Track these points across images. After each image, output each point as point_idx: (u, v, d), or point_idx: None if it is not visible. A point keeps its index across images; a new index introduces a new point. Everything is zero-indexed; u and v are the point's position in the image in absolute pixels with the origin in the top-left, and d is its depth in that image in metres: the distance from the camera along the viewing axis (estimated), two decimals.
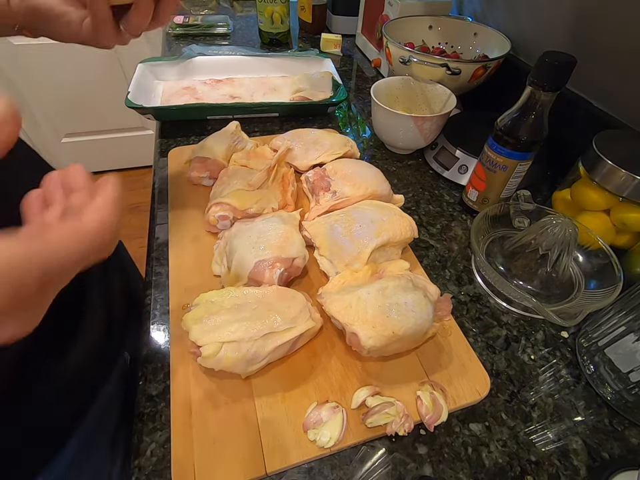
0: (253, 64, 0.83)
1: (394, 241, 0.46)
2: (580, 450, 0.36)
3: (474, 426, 0.37)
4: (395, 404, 0.35)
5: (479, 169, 0.53)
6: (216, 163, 0.55)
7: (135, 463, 0.33)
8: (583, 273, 0.48)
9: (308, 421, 0.35)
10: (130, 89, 0.67)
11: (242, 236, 0.45)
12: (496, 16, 0.79)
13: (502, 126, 0.48)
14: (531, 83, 0.44)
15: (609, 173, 0.45)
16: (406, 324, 0.36)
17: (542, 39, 0.69)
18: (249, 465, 0.32)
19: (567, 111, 0.61)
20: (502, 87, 0.71)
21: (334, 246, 0.46)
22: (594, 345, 0.41)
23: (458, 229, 0.57)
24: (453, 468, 0.34)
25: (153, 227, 0.53)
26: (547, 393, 0.40)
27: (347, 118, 0.78)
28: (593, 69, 0.59)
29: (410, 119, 0.60)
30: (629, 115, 0.55)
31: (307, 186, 0.56)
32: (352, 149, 0.61)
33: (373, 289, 0.38)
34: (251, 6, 1.21)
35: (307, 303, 0.40)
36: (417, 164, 0.68)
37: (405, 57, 0.66)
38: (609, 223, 0.48)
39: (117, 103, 0.72)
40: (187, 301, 0.42)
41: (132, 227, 1.69)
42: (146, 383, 0.38)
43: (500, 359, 0.42)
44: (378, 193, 0.52)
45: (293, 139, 0.60)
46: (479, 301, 0.48)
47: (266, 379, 0.38)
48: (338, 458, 0.34)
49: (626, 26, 0.54)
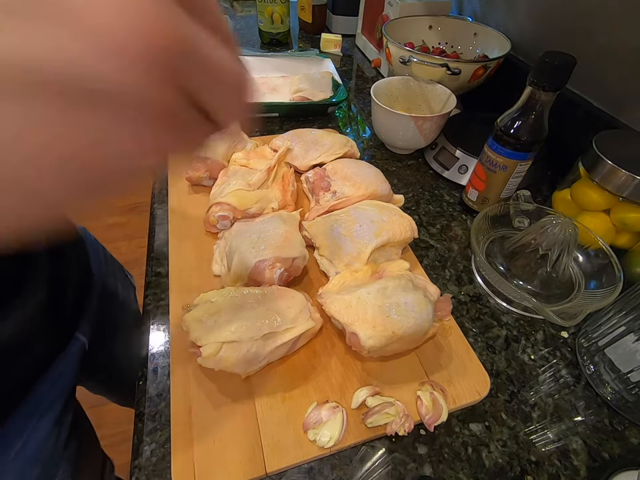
0: (252, 64, 0.83)
1: (394, 241, 0.46)
2: (580, 450, 0.36)
3: (474, 426, 0.37)
4: (394, 404, 0.35)
5: (479, 169, 0.53)
6: (216, 163, 0.55)
7: (135, 463, 0.33)
8: (583, 273, 0.48)
9: (308, 421, 0.35)
10: None
11: (242, 236, 0.45)
12: (496, 16, 0.79)
13: (502, 126, 0.48)
14: (531, 83, 0.44)
15: (608, 173, 0.45)
16: (406, 324, 0.36)
17: (542, 39, 0.69)
18: (249, 465, 0.32)
19: (567, 111, 0.61)
20: (502, 87, 0.71)
21: (334, 246, 0.46)
22: (594, 344, 0.41)
23: (458, 228, 0.57)
24: (453, 468, 0.34)
25: (153, 227, 0.53)
26: (546, 393, 0.40)
27: (346, 118, 0.78)
28: (593, 69, 0.59)
29: (410, 119, 0.60)
30: (629, 115, 0.55)
31: (307, 186, 0.56)
32: (352, 149, 0.61)
33: (373, 289, 0.38)
34: (250, 6, 1.21)
35: (307, 303, 0.40)
36: (417, 164, 0.68)
37: (405, 57, 0.66)
38: (609, 223, 0.48)
39: None
40: (187, 301, 0.42)
41: (132, 227, 1.69)
42: (146, 383, 0.38)
43: (500, 359, 0.42)
44: (378, 192, 0.52)
45: (293, 139, 0.60)
46: (479, 301, 0.48)
47: (266, 379, 0.38)
48: (338, 458, 0.34)
49: (626, 26, 0.54)
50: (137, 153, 0.14)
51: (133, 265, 1.53)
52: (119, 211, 1.74)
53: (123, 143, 0.13)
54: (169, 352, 0.39)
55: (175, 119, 0.14)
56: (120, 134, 0.13)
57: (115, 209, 1.74)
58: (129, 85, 0.12)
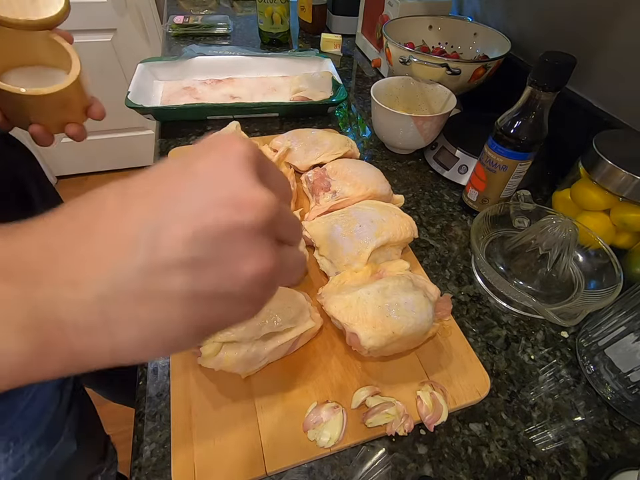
0: (253, 64, 0.83)
1: (394, 241, 0.46)
2: (580, 450, 0.36)
3: (474, 426, 0.37)
4: (395, 404, 0.35)
5: (479, 169, 0.53)
6: None
7: (135, 463, 0.33)
8: (583, 273, 0.48)
9: (308, 421, 0.35)
10: (130, 89, 0.67)
11: None
12: (496, 16, 0.79)
13: (502, 126, 0.48)
14: (531, 83, 0.44)
15: (608, 173, 0.45)
16: (406, 324, 0.36)
17: (542, 39, 0.69)
18: (249, 464, 0.32)
19: (567, 111, 0.61)
20: (502, 87, 0.71)
21: (334, 246, 0.46)
22: (594, 344, 0.41)
23: (458, 228, 0.57)
24: (453, 468, 0.34)
25: None
26: (547, 393, 0.40)
27: (346, 118, 0.78)
28: (593, 69, 0.59)
29: (410, 119, 0.60)
30: (629, 115, 0.55)
31: (307, 186, 0.56)
32: (352, 149, 0.61)
33: (373, 289, 0.38)
34: (251, 6, 1.21)
35: (307, 303, 0.40)
36: (417, 164, 0.68)
37: (405, 57, 0.66)
38: (609, 223, 0.48)
39: (116, 103, 0.72)
40: None
41: None
42: (146, 383, 0.38)
43: (500, 359, 0.42)
44: (378, 193, 0.52)
45: (293, 139, 0.60)
46: (479, 301, 0.48)
47: (266, 379, 0.38)
48: (338, 458, 0.34)
49: (626, 26, 0.54)
50: (252, 314, 0.19)
51: None
52: None
53: (245, 314, 0.18)
54: None
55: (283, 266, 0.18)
56: (238, 308, 0.17)
57: None
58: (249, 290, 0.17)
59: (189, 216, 0.15)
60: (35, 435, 0.42)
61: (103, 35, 1.52)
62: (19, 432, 0.41)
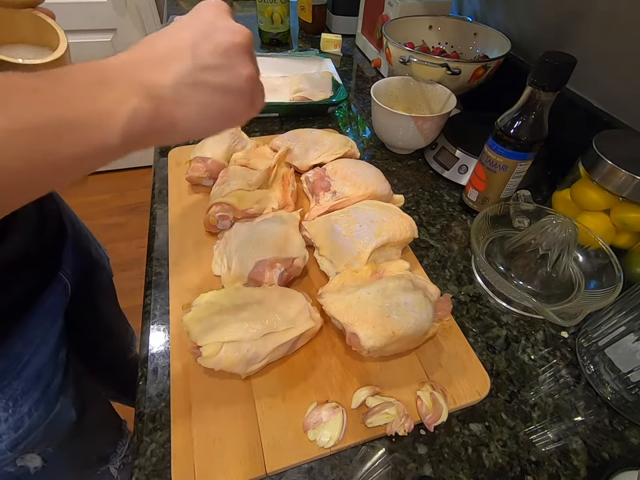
0: None
1: (394, 241, 0.46)
2: (580, 450, 0.36)
3: (474, 426, 0.37)
4: (394, 404, 0.35)
5: (479, 169, 0.53)
6: (216, 163, 0.55)
7: (135, 463, 0.33)
8: (583, 273, 0.48)
9: (308, 421, 0.35)
10: None
11: (242, 236, 0.45)
12: (496, 16, 0.79)
13: (502, 126, 0.48)
14: (531, 83, 0.44)
15: (608, 173, 0.45)
16: (406, 324, 0.36)
17: (542, 39, 0.69)
18: (249, 464, 0.32)
19: (567, 111, 0.61)
20: (502, 87, 0.71)
21: (334, 246, 0.46)
22: (594, 344, 0.41)
23: (458, 228, 0.57)
24: (453, 468, 0.34)
25: (153, 227, 0.53)
26: (547, 393, 0.40)
27: (346, 118, 0.78)
28: (593, 69, 0.59)
29: (410, 119, 0.60)
30: (629, 115, 0.55)
31: (307, 186, 0.56)
32: (352, 149, 0.61)
33: (373, 289, 0.38)
34: (251, 6, 1.21)
35: (307, 303, 0.40)
36: (417, 164, 0.68)
37: (405, 57, 0.66)
38: (609, 223, 0.48)
39: None
40: (187, 301, 0.42)
41: (132, 227, 1.69)
42: (146, 383, 0.38)
43: (500, 359, 0.42)
44: (378, 193, 0.52)
45: (293, 139, 0.60)
46: (479, 301, 0.48)
47: (266, 378, 0.38)
48: (338, 458, 0.34)
49: (626, 26, 0.54)
50: (248, 112, 0.30)
51: (133, 265, 1.53)
52: (119, 211, 1.74)
53: (244, 110, 0.29)
54: (169, 352, 0.39)
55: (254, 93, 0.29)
56: (241, 102, 0.28)
57: (114, 209, 1.74)
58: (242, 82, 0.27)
59: (208, 37, 0.25)
60: (33, 397, 0.44)
61: (103, 35, 1.52)
62: (17, 393, 0.42)
